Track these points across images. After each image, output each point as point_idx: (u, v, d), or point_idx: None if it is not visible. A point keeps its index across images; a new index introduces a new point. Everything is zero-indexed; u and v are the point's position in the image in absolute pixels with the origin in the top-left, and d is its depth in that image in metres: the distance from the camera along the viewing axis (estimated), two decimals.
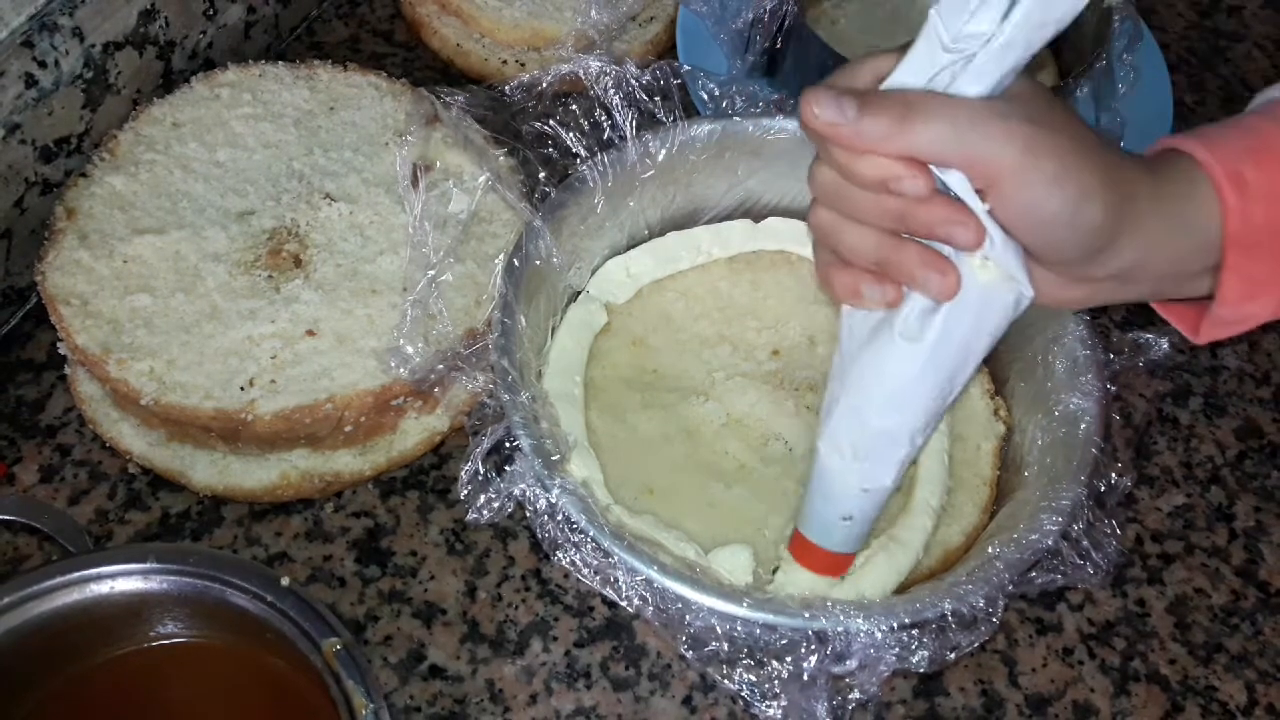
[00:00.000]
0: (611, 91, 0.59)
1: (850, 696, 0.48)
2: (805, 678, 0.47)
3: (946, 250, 0.42)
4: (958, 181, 0.41)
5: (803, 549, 0.51)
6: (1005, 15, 0.38)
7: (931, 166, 0.41)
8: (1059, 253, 0.43)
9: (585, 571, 0.49)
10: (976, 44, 0.39)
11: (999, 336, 0.44)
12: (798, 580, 0.51)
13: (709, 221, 0.65)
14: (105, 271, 0.58)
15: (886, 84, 0.42)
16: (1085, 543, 0.51)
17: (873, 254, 0.44)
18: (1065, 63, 0.78)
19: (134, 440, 0.58)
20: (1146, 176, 0.43)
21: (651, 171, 0.61)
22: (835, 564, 0.51)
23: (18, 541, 0.57)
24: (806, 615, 0.47)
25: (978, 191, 0.41)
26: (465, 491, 0.51)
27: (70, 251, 0.58)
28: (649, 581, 0.48)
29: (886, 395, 0.45)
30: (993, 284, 0.43)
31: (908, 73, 0.41)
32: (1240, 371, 0.70)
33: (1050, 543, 0.50)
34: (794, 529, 0.52)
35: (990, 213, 0.41)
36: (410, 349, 0.54)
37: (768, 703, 0.48)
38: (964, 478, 0.58)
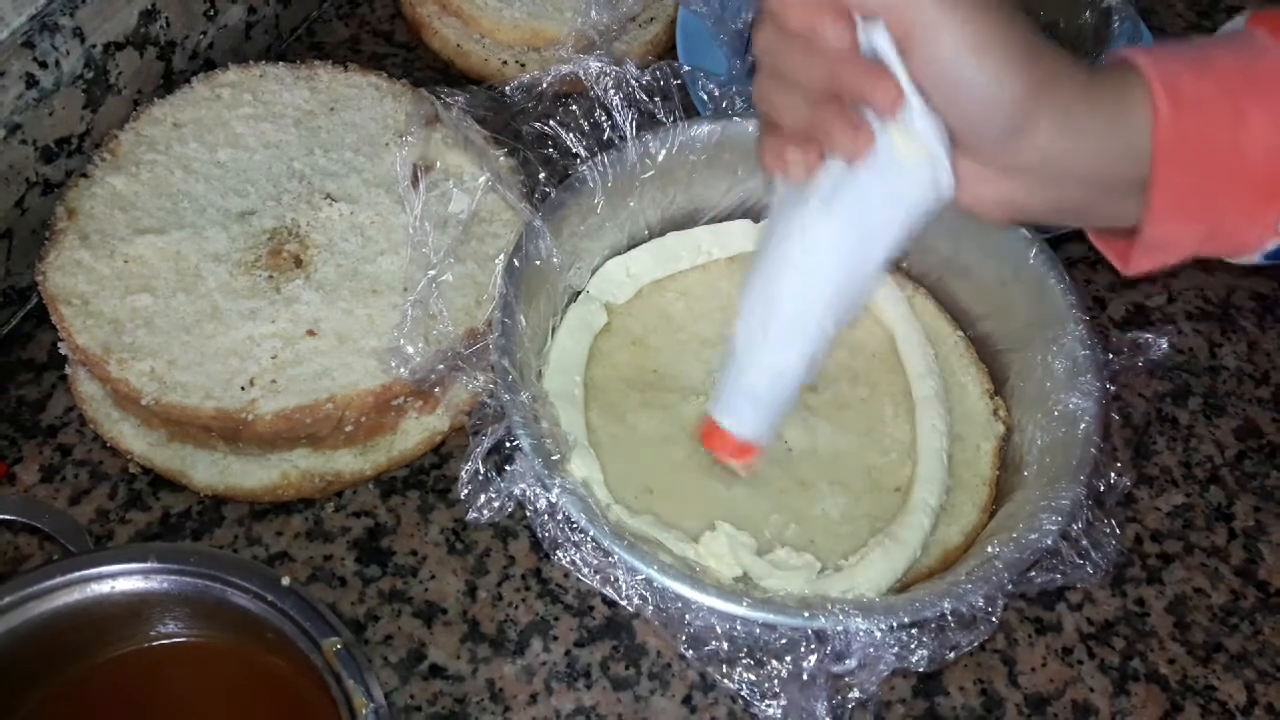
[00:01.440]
0: (611, 92, 0.59)
1: (850, 696, 0.48)
2: (805, 677, 0.47)
3: (871, 122, 0.42)
4: (882, 39, 0.41)
5: (711, 432, 0.51)
6: None
7: (860, 24, 0.41)
8: (979, 122, 0.42)
9: (585, 571, 0.49)
10: None
11: (913, 221, 0.44)
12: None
13: (709, 221, 0.66)
14: (106, 271, 0.58)
15: None
16: (1085, 542, 0.51)
17: (799, 117, 0.44)
18: None
19: (134, 440, 0.58)
20: (1079, 69, 0.42)
21: (651, 172, 0.61)
22: (740, 450, 0.51)
23: (18, 541, 0.57)
24: (806, 615, 0.47)
25: (901, 53, 0.41)
26: (465, 491, 0.51)
27: (71, 251, 0.58)
28: (649, 581, 0.48)
29: (796, 266, 0.45)
30: (910, 158, 0.42)
31: None
32: (1240, 371, 0.70)
33: (1050, 542, 0.50)
34: (706, 418, 0.52)
35: (912, 80, 0.41)
36: (410, 349, 0.54)
37: (767, 702, 0.48)
38: (963, 477, 0.58)
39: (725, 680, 0.48)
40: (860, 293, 0.46)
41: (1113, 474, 0.53)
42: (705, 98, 0.64)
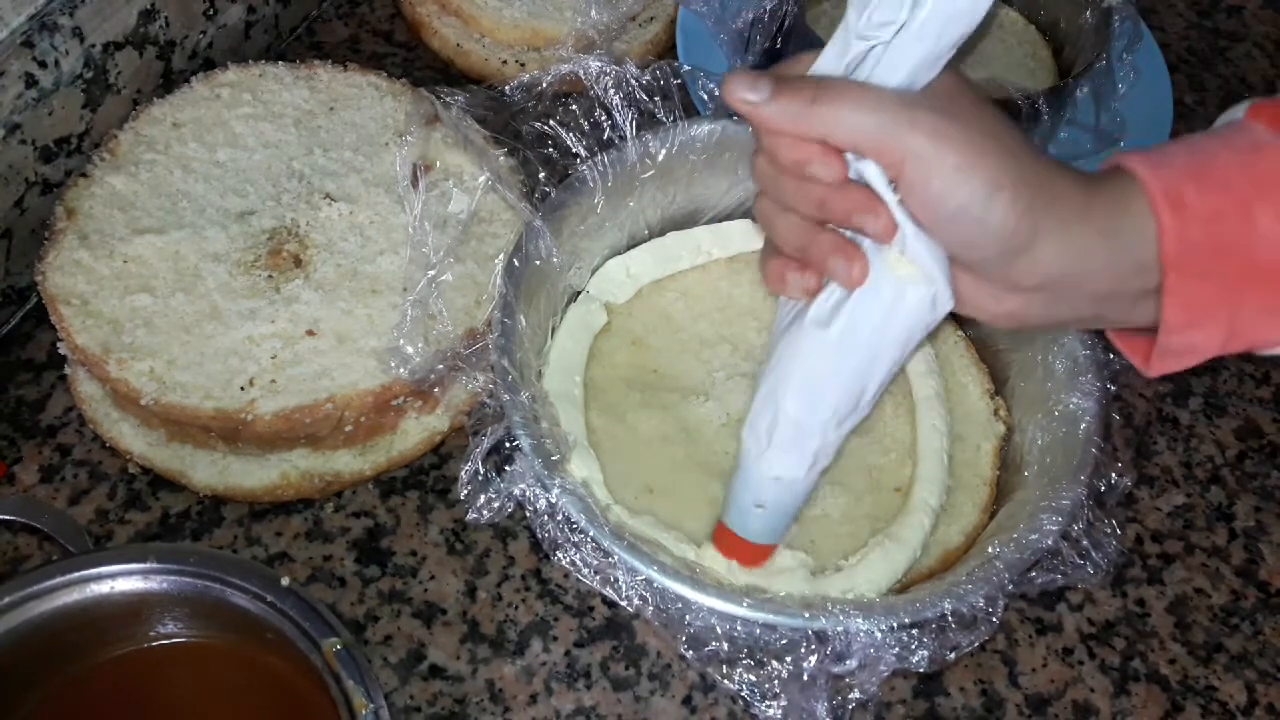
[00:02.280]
0: (611, 91, 0.59)
1: (850, 696, 0.48)
2: (805, 677, 0.47)
3: (867, 245, 0.43)
4: (873, 172, 0.42)
5: (723, 537, 0.52)
6: (915, 3, 0.39)
7: (850, 158, 0.42)
8: (973, 249, 0.42)
9: (585, 571, 0.49)
10: (887, 33, 0.40)
11: (914, 338, 0.44)
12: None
13: (709, 221, 0.65)
14: (105, 271, 0.58)
15: (810, 71, 0.43)
16: (1085, 542, 0.51)
17: (797, 241, 0.45)
18: (1065, 62, 0.78)
19: (134, 440, 0.58)
20: (1076, 185, 0.42)
21: (651, 171, 0.61)
22: (753, 554, 0.51)
23: (18, 541, 0.57)
24: (806, 615, 0.47)
25: (891, 184, 0.42)
26: (465, 491, 0.51)
27: (70, 251, 0.58)
28: (649, 581, 0.48)
29: (798, 382, 0.46)
30: (906, 280, 0.43)
31: (828, 60, 0.42)
32: (1240, 371, 0.70)
33: (1050, 543, 0.50)
34: (718, 523, 0.52)
35: (902, 204, 0.42)
36: (410, 349, 0.54)
37: (768, 703, 0.48)
38: (964, 478, 0.58)
39: (725, 681, 0.48)
40: (866, 403, 0.47)
41: (1113, 474, 0.53)
42: (705, 97, 0.64)
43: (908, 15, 0.39)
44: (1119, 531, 0.52)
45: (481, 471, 0.51)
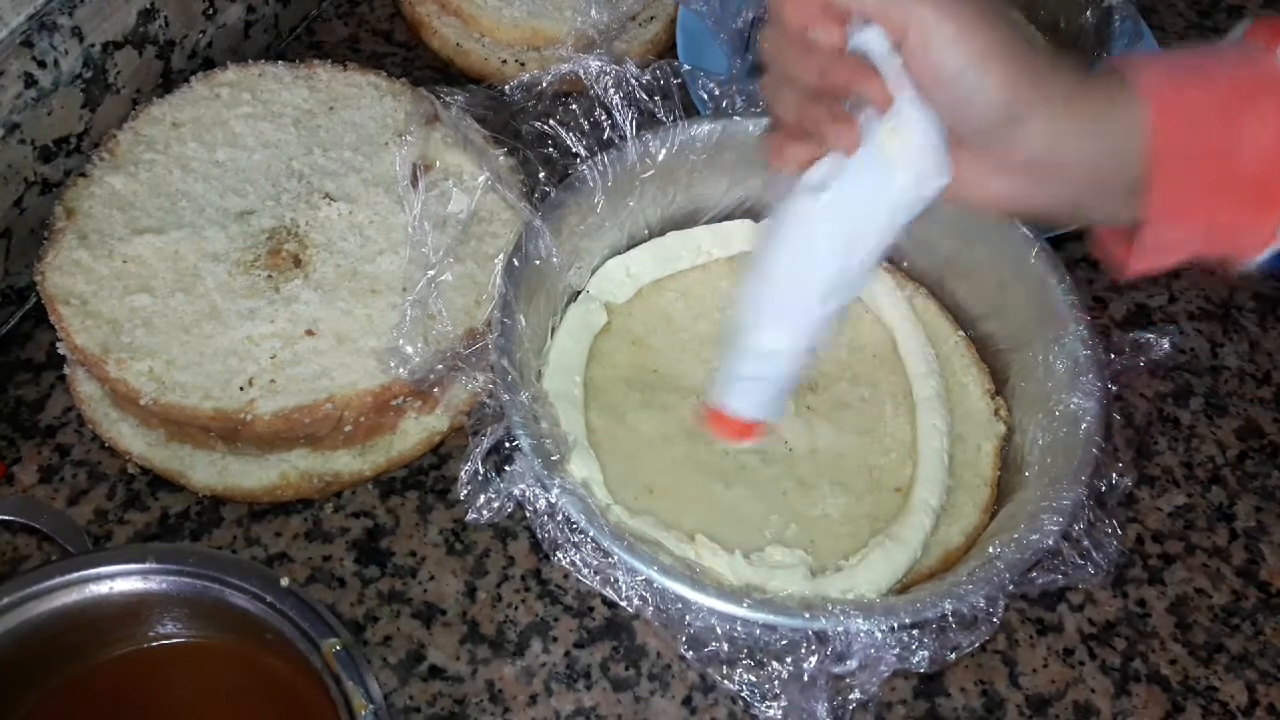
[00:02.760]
0: (611, 91, 0.59)
1: (850, 696, 0.48)
2: (805, 678, 0.47)
3: (863, 120, 0.44)
4: (876, 39, 0.43)
5: (713, 418, 0.52)
6: None
7: (853, 29, 0.43)
8: (965, 117, 0.43)
9: (585, 571, 0.49)
10: None
11: (901, 216, 0.46)
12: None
13: (709, 221, 0.65)
14: (105, 271, 0.58)
15: None
16: (1086, 543, 0.51)
17: (796, 113, 0.46)
18: None
19: (133, 440, 0.58)
20: (1068, 73, 0.44)
21: (651, 171, 0.61)
22: (742, 430, 0.52)
23: (17, 541, 0.57)
24: (806, 615, 0.47)
25: (895, 49, 0.43)
26: (465, 491, 0.51)
27: (70, 251, 0.58)
28: (649, 581, 0.48)
29: (788, 251, 0.47)
30: (897, 151, 0.44)
31: None
32: (1241, 371, 0.70)
33: (1051, 543, 0.50)
34: (704, 404, 0.53)
35: (904, 68, 0.43)
36: (410, 349, 0.54)
37: (768, 703, 0.48)
38: (964, 478, 0.58)
39: (725, 681, 0.48)
40: (854, 278, 0.47)
41: (1114, 474, 0.53)
42: (705, 97, 0.64)
43: None
44: (1119, 532, 0.52)
45: (481, 471, 0.51)
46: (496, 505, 0.50)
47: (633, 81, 0.59)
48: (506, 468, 0.50)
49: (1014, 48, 0.43)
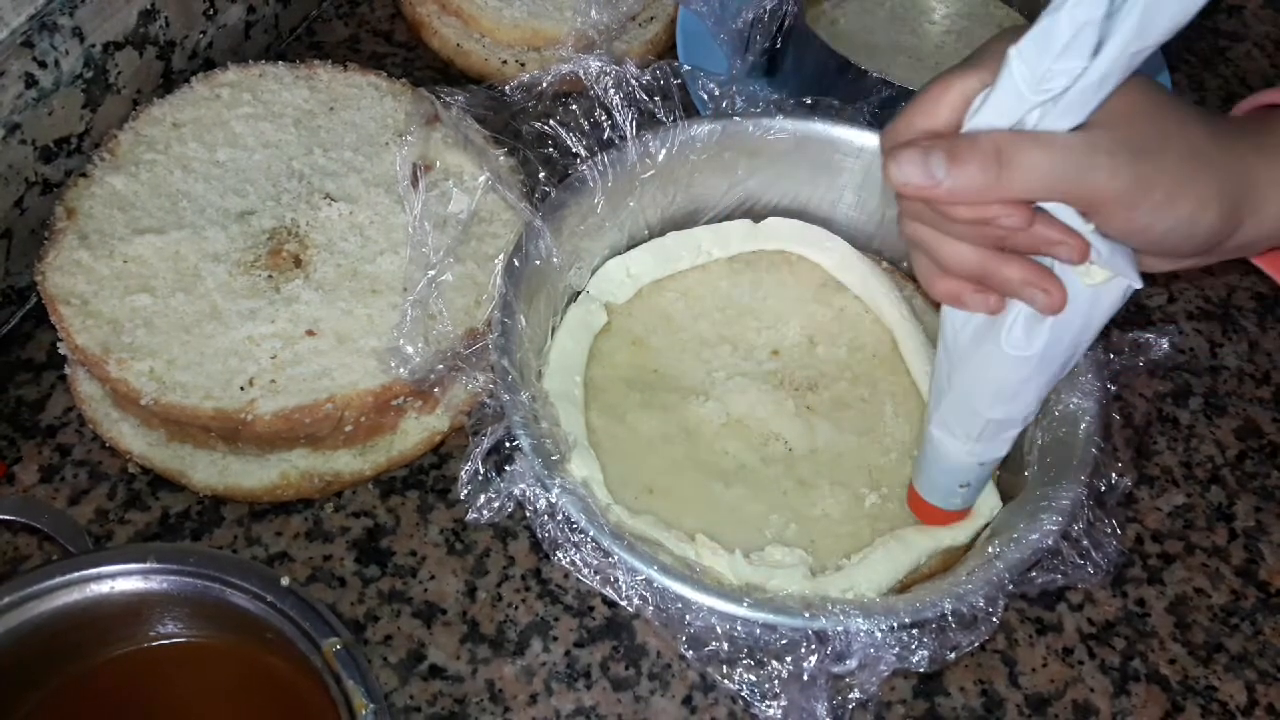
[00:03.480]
0: (611, 91, 0.59)
1: (850, 696, 0.48)
2: (805, 677, 0.47)
3: (1055, 264, 0.42)
4: (1059, 208, 0.40)
5: (923, 510, 0.55)
6: (1096, 50, 0.36)
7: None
8: (1178, 253, 0.42)
9: (585, 571, 0.49)
10: (1065, 80, 0.37)
11: (1106, 323, 0.45)
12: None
13: (709, 221, 0.65)
14: (105, 271, 0.58)
15: (970, 125, 0.39)
16: (1085, 542, 0.51)
17: (974, 269, 0.43)
18: None
19: (134, 440, 0.58)
20: (1259, 156, 0.41)
21: (651, 171, 0.61)
22: (955, 517, 0.55)
23: (18, 541, 0.57)
24: (806, 615, 0.47)
25: (1082, 214, 0.40)
26: (465, 491, 0.51)
27: (70, 251, 0.58)
28: (649, 581, 0.48)
29: (998, 393, 0.47)
30: (1100, 284, 0.42)
31: (991, 114, 0.39)
32: (1240, 371, 0.70)
33: (1050, 542, 0.50)
34: (910, 488, 0.56)
35: (1096, 231, 0.41)
36: (410, 349, 0.54)
37: (768, 703, 0.48)
38: None
39: (725, 681, 0.48)
40: (1058, 382, 0.48)
41: (1113, 474, 0.53)
42: (705, 97, 0.64)
43: (1088, 62, 0.36)
44: (1119, 531, 0.52)
45: (481, 471, 0.51)
46: (497, 505, 0.50)
47: (633, 81, 0.59)
48: (507, 468, 0.51)
49: (1216, 171, 0.40)
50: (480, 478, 0.51)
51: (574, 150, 0.60)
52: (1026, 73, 0.37)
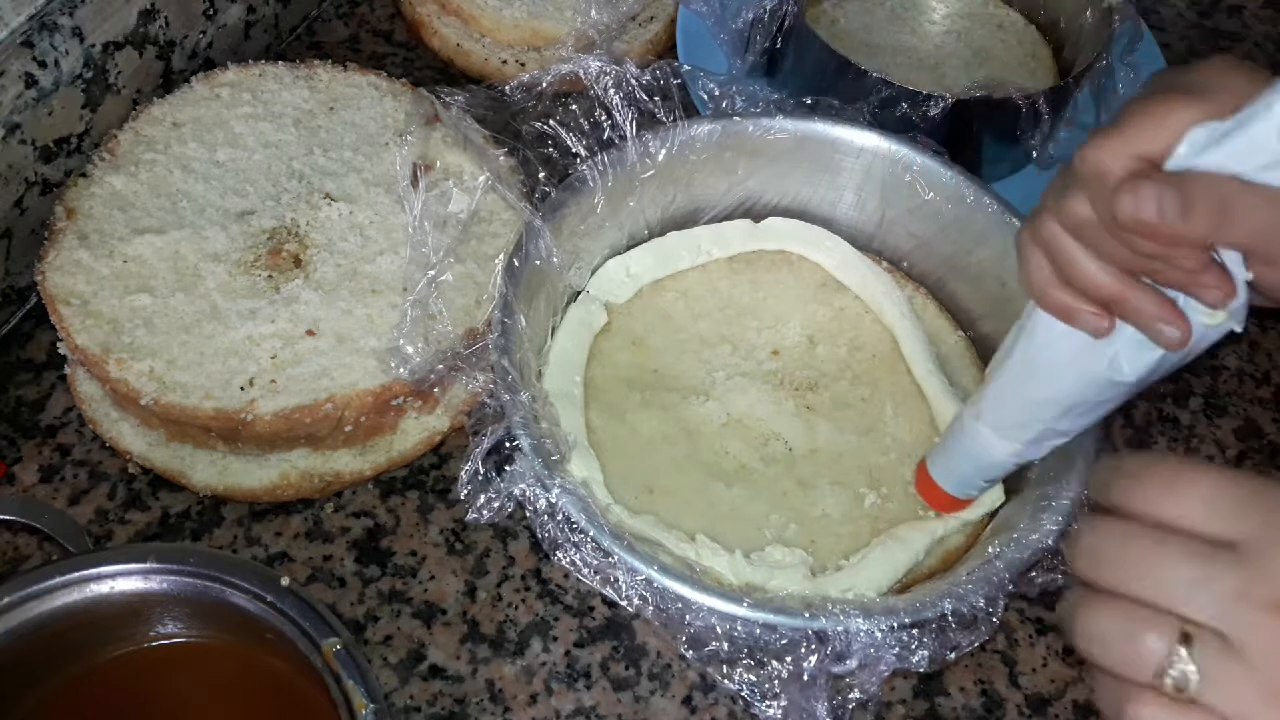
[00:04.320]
0: (611, 91, 0.59)
1: (850, 696, 0.48)
2: (805, 678, 0.47)
3: (1180, 298, 0.41)
4: (1231, 254, 0.39)
5: (932, 493, 0.55)
6: None
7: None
8: None
9: (585, 571, 0.49)
10: None
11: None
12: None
13: (709, 221, 0.65)
14: (105, 271, 0.58)
15: (1195, 162, 0.37)
16: None
17: (1104, 290, 0.42)
18: (1065, 63, 0.78)
19: (134, 440, 0.58)
20: None
21: (651, 171, 0.61)
22: (961, 505, 0.55)
23: (18, 541, 0.57)
24: (806, 615, 0.47)
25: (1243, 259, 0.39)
26: (465, 491, 0.51)
27: (70, 251, 0.58)
28: (649, 581, 0.48)
29: (1072, 407, 0.47)
30: (1213, 326, 0.41)
31: (1227, 156, 0.36)
32: (1240, 371, 0.70)
33: (1050, 542, 0.50)
34: (921, 471, 0.55)
35: (1249, 281, 0.40)
36: (410, 349, 0.54)
37: (768, 703, 0.48)
38: None
39: (725, 681, 0.48)
40: None
41: None
42: (705, 97, 0.64)
43: None
44: None
45: (481, 471, 0.51)
46: (497, 505, 0.50)
47: (633, 81, 0.59)
48: (507, 467, 0.51)
49: None
50: (480, 478, 0.51)
51: (574, 150, 0.60)
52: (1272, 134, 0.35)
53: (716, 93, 0.64)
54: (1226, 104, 0.37)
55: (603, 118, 0.59)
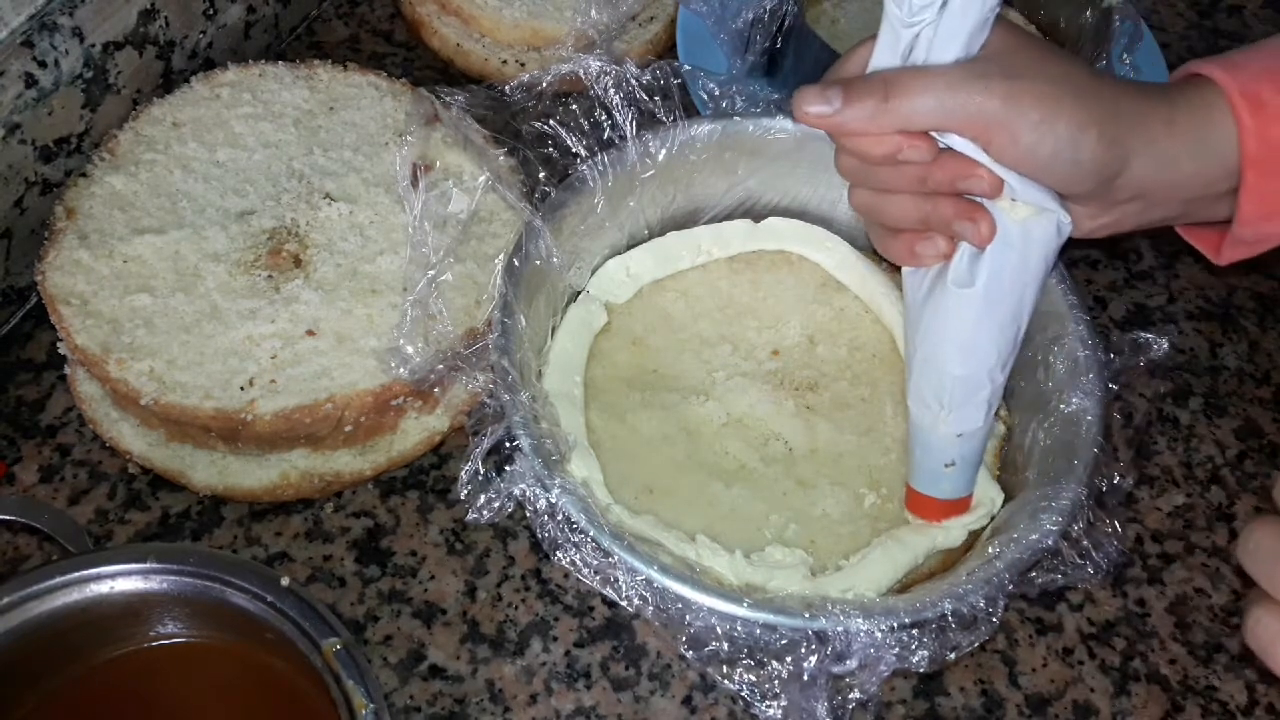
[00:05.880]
0: (611, 91, 0.59)
1: (850, 696, 0.48)
2: (805, 678, 0.47)
3: (981, 200, 0.45)
4: (958, 141, 0.44)
5: (918, 503, 0.54)
6: None
7: (933, 133, 0.44)
8: (1073, 185, 0.44)
9: (585, 571, 0.49)
10: (931, 13, 0.42)
11: (1050, 264, 0.47)
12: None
13: (709, 221, 0.65)
14: (105, 271, 0.58)
15: (870, 67, 0.45)
16: (1085, 543, 0.51)
17: (914, 216, 0.47)
18: None
19: (134, 440, 0.58)
20: (1160, 102, 0.44)
21: (651, 171, 0.61)
22: (951, 509, 0.54)
23: (18, 541, 0.57)
24: (806, 615, 0.47)
25: (979, 147, 0.44)
26: (465, 491, 0.51)
27: (70, 251, 0.58)
28: (649, 581, 0.48)
29: (955, 343, 0.48)
30: (1028, 219, 0.45)
31: (882, 55, 0.44)
32: (1240, 371, 0.70)
33: (1050, 543, 0.50)
34: (907, 489, 0.55)
35: (996, 162, 0.44)
36: (410, 349, 0.54)
37: (768, 703, 0.48)
38: None
39: (725, 681, 0.48)
40: (1019, 338, 0.49)
41: (1114, 474, 0.53)
42: (705, 97, 0.64)
43: None
44: (1119, 531, 0.52)
45: (481, 471, 0.51)
46: (497, 505, 0.50)
47: (633, 81, 0.59)
48: (507, 468, 0.51)
49: (1100, 102, 0.43)
50: (480, 478, 0.51)
51: (574, 150, 0.60)
52: (894, 8, 0.43)
53: (716, 93, 0.64)
54: None
55: (603, 118, 0.59)
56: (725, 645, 0.48)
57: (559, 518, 0.49)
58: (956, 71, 0.43)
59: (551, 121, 0.59)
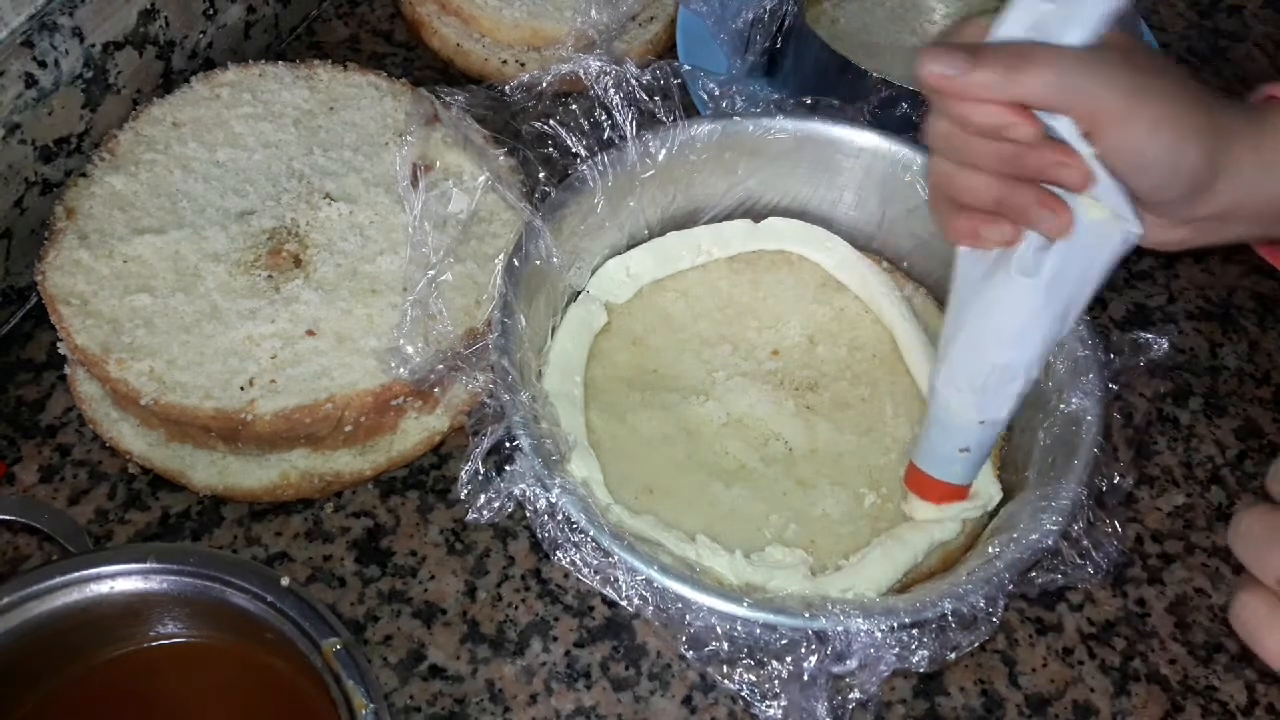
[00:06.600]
0: (611, 91, 0.59)
1: (850, 696, 0.48)
2: (805, 678, 0.47)
3: (1058, 191, 0.45)
4: (1066, 127, 0.43)
5: (921, 483, 0.54)
6: None
7: (1040, 114, 0.43)
8: (1160, 193, 0.45)
9: (585, 571, 0.49)
10: None
11: (1109, 272, 0.47)
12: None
13: (709, 221, 0.65)
14: (105, 271, 0.58)
15: (992, 37, 0.44)
16: (1085, 542, 0.51)
17: (989, 196, 0.46)
18: None
19: (134, 440, 0.58)
20: (1246, 123, 0.45)
21: (651, 171, 0.61)
22: (953, 494, 0.54)
23: (18, 541, 0.57)
24: (806, 615, 0.47)
25: (1084, 135, 0.43)
26: (465, 491, 0.51)
27: (70, 251, 0.58)
28: (649, 581, 0.48)
29: (1004, 330, 0.48)
30: (1102, 222, 0.45)
31: (1012, 25, 0.44)
32: (1240, 371, 0.70)
33: (1050, 543, 0.50)
34: (909, 466, 0.55)
35: (1096, 156, 0.44)
36: (410, 349, 0.54)
37: (768, 703, 0.48)
38: None
39: (725, 681, 0.48)
40: (1062, 336, 0.49)
41: (1114, 474, 0.53)
42: (705, 97, 0.64)
43: None
44: (1119, 531, 0.52)
45: (481, 471, 0.51)
46: (497, 505, 0.50)
47: (633, 81, 0.59)
48: (507, 467, 0.51)
49: (1209, 115, 0.43)
50: (480, 478, 0.51)
51: (574, 150, 0.60)
52: None
53: (716, 93, 0.64)
54: None
55: (603, 118, 0.59)
56: (725, 645, 0.48)
57: (559, 518, 0.49)
58: (1084, 53, 0.42)
59: (551, 121, 0.59)
